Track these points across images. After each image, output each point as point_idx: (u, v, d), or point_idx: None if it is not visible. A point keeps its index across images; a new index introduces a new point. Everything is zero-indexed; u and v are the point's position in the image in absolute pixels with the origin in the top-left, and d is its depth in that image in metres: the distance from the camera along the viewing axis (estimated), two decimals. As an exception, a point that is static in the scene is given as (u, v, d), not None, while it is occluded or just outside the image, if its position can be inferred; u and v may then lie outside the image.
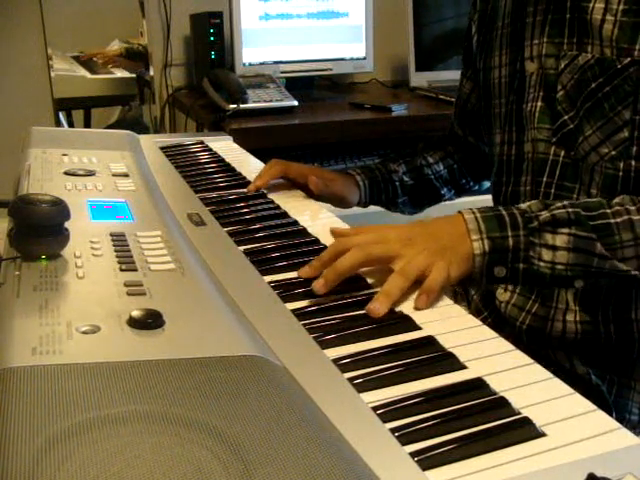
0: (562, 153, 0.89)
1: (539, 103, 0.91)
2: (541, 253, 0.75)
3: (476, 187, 1.26)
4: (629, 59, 0.80)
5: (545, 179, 0.91)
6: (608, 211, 0.76)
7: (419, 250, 0.73)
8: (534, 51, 0.92)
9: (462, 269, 0.75)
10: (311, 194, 1.06)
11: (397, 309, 0.69)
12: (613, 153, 0.83)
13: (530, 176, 0.94)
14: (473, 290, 1.07)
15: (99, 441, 0.42)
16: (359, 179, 1.14)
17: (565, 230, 0.75)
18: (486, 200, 1.09)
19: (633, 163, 0.83)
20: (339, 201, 1.11)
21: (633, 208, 0.77)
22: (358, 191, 1.14)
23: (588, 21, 0.84)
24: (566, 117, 0.87)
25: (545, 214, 0.76)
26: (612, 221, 0.75)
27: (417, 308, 0.69)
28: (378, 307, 0.67)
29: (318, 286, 0.71)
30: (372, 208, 1.33)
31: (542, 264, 0.75)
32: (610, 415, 0.53)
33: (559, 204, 0.77)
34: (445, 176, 1.21)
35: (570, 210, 0.76)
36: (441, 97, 1.98)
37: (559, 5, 0.88)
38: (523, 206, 0.79)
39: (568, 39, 0.87)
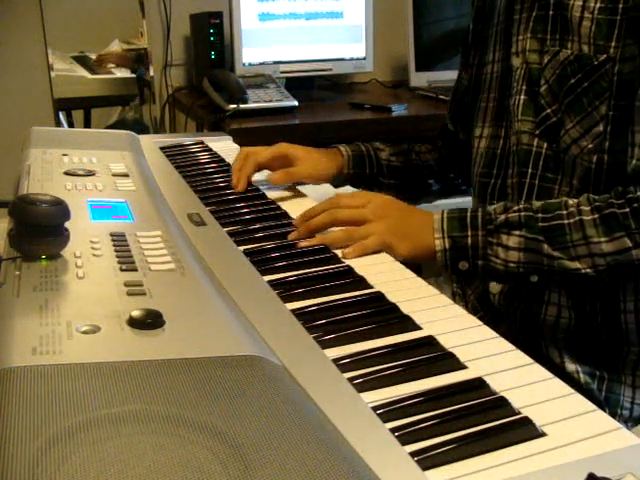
0: (545, 145, 0.91)
1: (522, 96, 0.93)
2: (497, 252, 0.83)
3: (464, 187, 1.25)
4: (605, 56, 0.83)
5: (529, 170, 0.93)
6: (564, 212, 0.81)
7: (384, 225, 0.85)
8: (519, 46, 0.94)
9: (411, 252, 0.85)
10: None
11: (397, 308, 0.69)
12: (590, 146, 0.86)
13: (516, 168, 0.96)
14: (470, 290, 1.07)
15: (99, 441, 0.42)
16: (343, 150, 1.13)
17: (517, 232, 0.82)
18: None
19: (605, 157, 0.85)
20: (309, 180, 1.10)
21: (587, 208, 0.81)
22: (338, 164, 1.12)
23: (568, 18, 0.87)
24: (549, 110, 0.90)
25: (502, 217, 0.83)
26: (565, 222, 0.81)
27: (343, 257, 0.81)
28: (296, 235, 0.86)
29: (290, 236, 0.87)
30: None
31: (498, 261, 0.83)
32: None
33: (515, 207, 0.84)
34: (432, 166, 1.20)
35: (522, 214, 0.83)
36: (441, 97, 1.98)
37: (543, 2, 0.91)
38: (490, 208, 0.86)
39: (551, 35, 0.90)
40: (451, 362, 0.60)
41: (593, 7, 0.84)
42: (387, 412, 0.52)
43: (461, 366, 0.59)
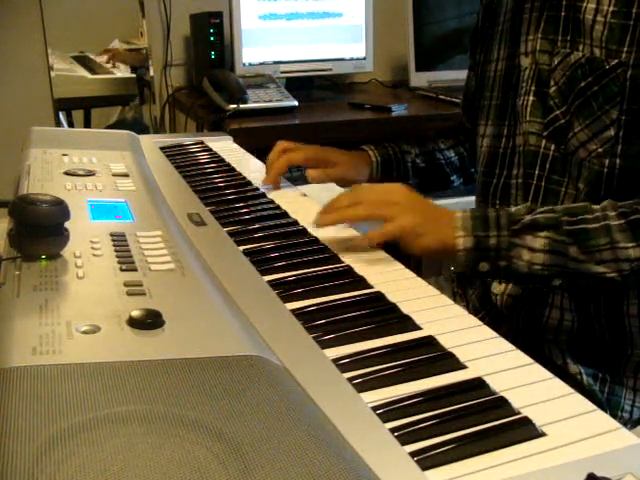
0: (552, 147, 0.91)
1: (531, 97, 0.93)
2: (521, 253, 0.80)
3: None
4: (617, 60, 0.82)
5: (536, 172, 0.93)
6: (589, 217, 0.80)
7: (407, 215, 0.82)
8: (529, 46, 0.93)
9: (434, 245, 0.82)
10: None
11: (397, 308, 0.69)
12: (600, 150, 0.85)
13: (522, 169, 0.95)
14: (471, 289, 1.07)
15: (99, 441, 0.42)
16: (372, 154, 1.15)
17: (543, 234, 0.80)
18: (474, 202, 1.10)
19: (618, 161, 0.85)
20: (344, 184, 1.12)
21: (613, 214, 0.80)
22: (367, 169, 1.14)
23: (581, 20, 0.86)
24: (558, 112, 0.89)
25: (528, 217, 0.81)
26: (590, 226, 0.79)
27: (366, 241, 0.82)
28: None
29: (317, 222, 0.86)
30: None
31: (521, 263, 0.80)
32: None
33: (542, 209, 0.82)
34: (455, 163, 1.22)
35: (550, 215, 0.81)
36: (441, 97, 1.98)
37: (554, 2, 0.90)
38: (513, 209, 0.83)
39: (562, 36, 0.89)
40: (451, 362, 0.60)
41: (606, 11, 0.83)
42: (387, 412, 0.52)
43: (461, 366, 0.59)
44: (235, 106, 1.76)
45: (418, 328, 0.66)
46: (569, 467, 0.47)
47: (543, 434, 0.50)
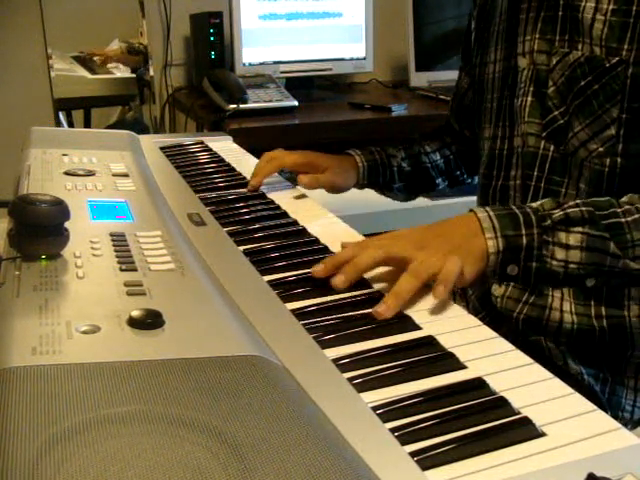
0: (551, 148, 0.90)
1: (529, 98, 0.92)
2: (554, 252, 0.75)
3: (469, 180, 1.27)
4: (617, 58, 0.82)
5: (535, 173, 0.92)
6: (619, 210, 0.77)
7: (432, 253, 0.72)
8: (526, 47, 0.93)
9: (476, 267, 0.74)
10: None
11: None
12: (601, 149, 0.85)
13: (520, 170, 0.95)
14: (471, 290, 1.07)
15: (99, 441, 0.42)
16: (358, 160, 1.15)
17: (578, 229, 0.75)
18: (473, 202, 1.10)
19: (619, 160, 0.84)
20: (332, 190, 1.13)
21: None
22: (355, 173, 1.14)
23: (579, 20, 0.85)
24: (556, 112, 0.89)
25: (558, 213, 0.76)
26: (623, 220, 0.76)
27: (436, 298, 0.69)
28: (385, 310, 0.67)
29: (339, 282, 0.72)
30: (375, 210, 1.33)
31: (555, 263, 0.75)
32: None
33: (571, 203, 0.77)
34: (441, 166, 1.22)
35: (583, 209, 0.76)
36: (441, 97, 1.98)
37: (552, 2, 0.89)
38: (535, 205, 0.79)
39: (560, 36, 0.88)
40: (451, 362, 0.60)
41: (606, 9, 0.82)
42: (387, 412, 0.52)
43: (461, 366, 0.59)
44: (235, 106, 1.76)
45: (418, 328, 0.66)
46: (569, 467, 0.47)
47: (543, 434, 0.50)
